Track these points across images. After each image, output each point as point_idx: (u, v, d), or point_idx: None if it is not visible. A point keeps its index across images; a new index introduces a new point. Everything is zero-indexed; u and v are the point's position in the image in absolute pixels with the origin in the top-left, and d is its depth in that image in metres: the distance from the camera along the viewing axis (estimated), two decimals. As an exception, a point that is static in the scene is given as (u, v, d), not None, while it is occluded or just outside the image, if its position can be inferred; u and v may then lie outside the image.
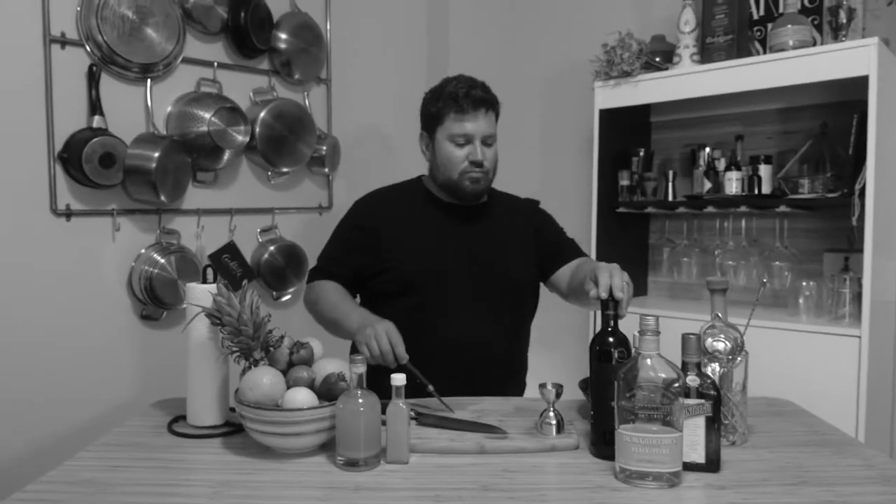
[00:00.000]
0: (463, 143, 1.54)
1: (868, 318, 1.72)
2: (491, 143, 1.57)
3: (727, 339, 1.21)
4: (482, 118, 1.53)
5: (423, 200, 1.65)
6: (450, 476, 1.06)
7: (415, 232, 1.60)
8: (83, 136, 1.80)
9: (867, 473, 1.07)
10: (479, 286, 1.56)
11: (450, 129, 1.54)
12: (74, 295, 1.84)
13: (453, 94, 1.53)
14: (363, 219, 1.64)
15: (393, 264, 1.57)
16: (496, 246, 1.61)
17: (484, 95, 1.54)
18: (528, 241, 1.64)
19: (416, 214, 1.62)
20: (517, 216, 1.67)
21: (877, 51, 1.70)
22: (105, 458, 1.13)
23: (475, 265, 1.57)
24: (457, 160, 1.55)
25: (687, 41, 2.07)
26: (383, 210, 1.64)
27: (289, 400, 1.11)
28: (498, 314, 1.57)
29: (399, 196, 1.68)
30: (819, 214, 2.09)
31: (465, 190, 1.56)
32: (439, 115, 1.56)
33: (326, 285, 1.59)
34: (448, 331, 1.52)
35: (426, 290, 1.55)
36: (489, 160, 1.56)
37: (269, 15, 2.20)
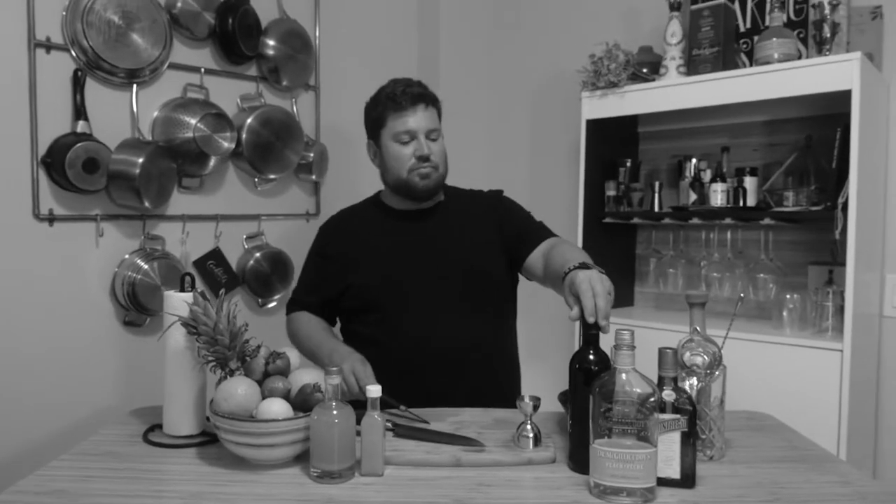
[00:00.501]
0: (407, 141, 1.56)
1: (850, 332, 1.73)
2: (435, 138, 1.58)
3: (705, 353, 1.21)
4: (422, 113, 1.56)
5: (378, 213, 1.67)
6: (424, 489, 1.05)
7: (370, 246, 1.62)
8: (67, 140, 1.79)
9: (842, 490, 1.07)
10: (441, 287, 1.55)
11: (392, 129, 1.57)
12: (57, 300, 1.83)
13: (391, 94, 1.57)
14: (324, 244, 1.70)
15: (353, 282, 1.59)
16: (455, 242, 1.59)
17: (421, 91, 1.58)
18: (491, 232, 1.61)
19: (372, 228, 1.65)
20: (477, 209, 1.65)
21: (859, 65, 1.71)
22: (77, 468, 1.12)
23: (434, 266, 1.56)
24: (403, 158, 1.56)
25: (673, 53, 2.08)
26: (342, 231, 1.69)
27: (263, 411, 1.10)
28: (467, 311, 1.55)
29: (356, 214, 1.72)
30: (804, 227, 2.10)
31: (417, 187, 1.57)
32: (380, 118, 1.59)
33: (300, 318, 1.66)
34: (417, 337, 1.51)
35: (387, 301, 1.56)
36: (436, 154, 1.57)
37: (257, 21, 2.20)
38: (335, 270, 1.63)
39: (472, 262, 1.58)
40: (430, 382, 1.49)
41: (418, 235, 1.61)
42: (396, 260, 1.58)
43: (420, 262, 1.57)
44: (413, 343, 1.51)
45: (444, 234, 1.61)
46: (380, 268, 1.58)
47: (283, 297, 2.35)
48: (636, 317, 2.25)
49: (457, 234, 1.61)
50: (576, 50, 2.35)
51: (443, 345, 1.51)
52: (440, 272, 1.55)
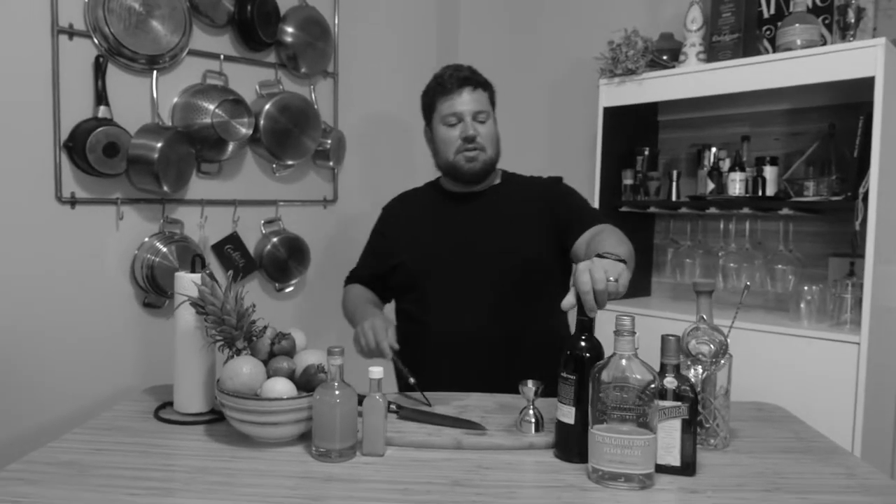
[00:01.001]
0: (455, 123, 1.59)
1: (868, 325, 1.69)
2: (483, 120, 1.60)
3: (711, 342, 1.20)
4: (468, 95, 1.59)
5: (434, 196, 1.72)
6: (423, 470, 1.07)
7: (420, 226, 1.66)
8: (88, 125, 1.83)
9: (847, 482, 1.06)
10: (481, 269, 1.56)
11: (441, 112, 1.61)
12: (78, 281, 1.88)
13: (439, 78, 1.63)
14: (382, 222, 1.79)
15: (400, 260, 1.64)
16: (500, 225, 1.60)
17: (469, 75, 1.61)
18: (540, 217, 1.59)
19: (426, 210, 1.70)
20: (530, 194, 1.65)
21: (884, 51, 1.66)
22: (89, 441, 1.15)
23: (475, 248, 1.57)
24: (451, 140, 1.59)
25: (693, 39, 2.05)
26: (398, 211, 1.77)
27: (267, 389, 1.12)
28: (505, 294, 1.54)
29: (416, 195, 1.78)
30: (824, 218, 2.05)
31: (463, 169, 1.60)
32: (432, 102, 1.64)
33: (351, 289, 1.76)
34: (451, 317, 1.54)
35: (427, 280, 1.60)
36: (483, 136, 1.59)
37: (276, 8, 2.22)
38: (386, 248, 1.70)
39: (514, 245, 1.57)
40: (464, 364, 1.51)
41: (464, 217, 1.64)
42: (440, 240, 1.62)
43: (462, 243, 1.59)
44: (447, 323, 1.54)
45: (490, 216, 1.62)
46: (424, 247, 1.63)
47: (299, 282, 2.38)
48: (653, 307, 2.23)
49: (504, 217, 1.61)
50: (596, 37, 2.32)
51: (475, 326, 1.52)
52: (481, 254, 1.57)
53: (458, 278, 1.57)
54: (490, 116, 1.62)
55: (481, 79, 1.63)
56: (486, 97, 1.62)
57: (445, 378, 1.44)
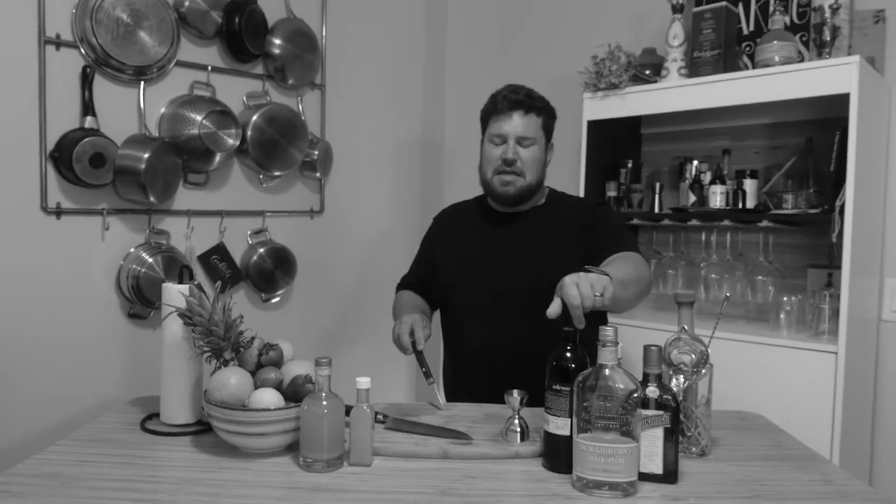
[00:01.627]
0: (499, 143, 1.61)
1: (845, 335, 1.73)
2: (528, 145, 1.60)
3: (692, 352, 1.22)
4: (517, 118, 1.58)
5: (478, 212, 1.74)
6: (410, 480, 1.08)
7: (460, 241, 1.70)
8: (75, 136, 1.83)
9: (824, 489, 1.08)
10: (510, 292, 1.57)
11: (490, 130, 1.63)
12: (63, 292, 1.87)
13: (494, 97, 1.63)
14: (430, 234, 1.82)
15: (440, 275, 1.70)
16: (534, 249, 1.60)
17: (522, 98, 1.60)
18: (574, 241, 1.59)
19: (469, 225, 1.72)
20: (569, 217, 1.64)
21: (858, 69, 1.71)
22: (74, 453, 1.15)
23: (507, 270, 1.59)
24: (492, 159, 1.61)
25: (675, 55, 2.09)
26: (446, 222, 1.80)
27: (255, 400, 1.13)
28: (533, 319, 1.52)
29: (464, 209, 1.80)
30: (803, 230, 2.10)
31: (496, 191, 1.61)
32: (485, 118, 1.67)
33: (401, 294, 1.79)
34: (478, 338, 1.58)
35: (457, 295, 1.65)
36: (524, 161, 1.59)
37: (263, 20, 2.23)
38: (431, 261, 1.75)
39: (545, 265, 1.54)
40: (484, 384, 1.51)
41: (503, 236, 1.65)
42: (475, 258, 1.64)
43: (494, 261, 1.61)
44: (473, 344, 1.59)
45: (526, 236, 1.63)
46: (460, 263, 1.66)
47: (285, 292, 2.38)
48: (636, 317, 2.25)
49: (540, 237, 1.61)
50: (580, 52, 2.37)
51: (500, 349, 1.55)
52: (512, 277, 1.58)
53: (484, 295, 1.60)
54: (536, 143, 1.60)
55: (537, 103, 1.61)
56: (537, 123, 1.60)
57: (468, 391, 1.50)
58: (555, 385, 1.11)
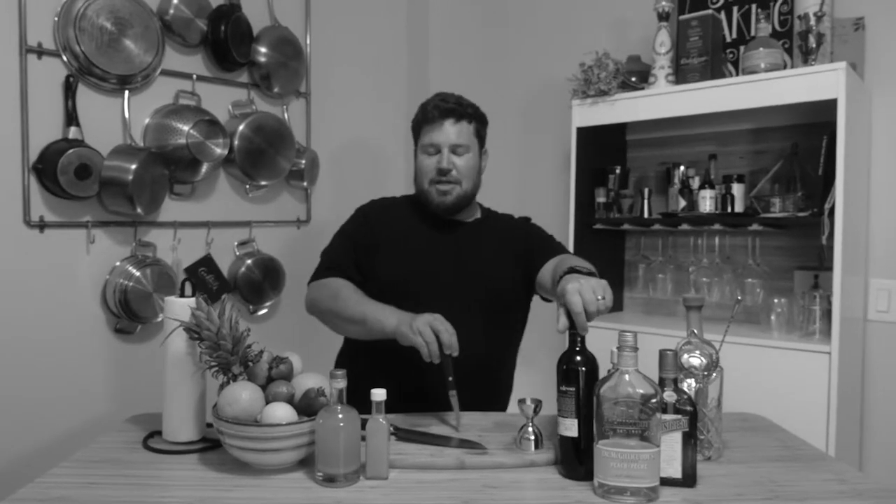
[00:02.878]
0: (432, 153, 1.58)
1: (838, 335, 1.76)
2: (461, 153, 1.57)
3: (703, 355, 1.23)
4: (450, 127, 1.56)
5: (415, 213, 1.67)
6: (430, 492, 1.06)
7: (404, 238, 1.63)
8: (59, 147, 1.78)
9: (840, 488, 1.10)
10: (458, 298, 1.55)
11: (422, 140, 1.61)
12: (47, 308, 1.81)
13: (424, 107, 1.61)
14: (364, 222, 1.66)
15: (376, 273, 1.59)
16: (479, 258, 1.61)
17: (453, 106, 1.57)
18: (515, 254, 1.62)
19: (406, 225, 1.65)
20: (507, 231, 1.67)
21: (844, 75, 1.76)
22: (79, 475, 1.10)
23: (455, 277, 1.57)
24: (426, 169, 1.58)
25: (662, 62, 2.12)
26: (382, 216, 1.68)
27: (267, 415, 1.10)
28: (478, 324, 1.55)
29: (398, 206, 1.72)
30: (790, 233, 2.14)
31: (433, 202, 1.58)
32: (416, 128, 1.64)
33: (341, 282, 1.55)
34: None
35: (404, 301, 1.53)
36: (459, 169, 1.57)
37: (249, 29, 2.20)
38: (362, 256, 1.60)
39: (491, 279, 1.58)
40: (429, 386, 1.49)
41: (451, 244, 1.62)
42: (421, 263, 1.59)
43: (443, 270, 1.58)
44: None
45: (471, 248, 1.62)
46: (402, 267, 1.58)
47: (274, 303, 2.34)
48: (626, 321, 2.27)
49: (483, 250, 1.62)
50: (566, 59, 2.39)
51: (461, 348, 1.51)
52: (460, 284, 1.56)
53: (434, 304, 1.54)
54: (470, 150, 1.59)
55: (468, 111, 1.59)
56: (469, 129, 1.59)
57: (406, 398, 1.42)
58: (561, 386, 1.11)
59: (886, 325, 2.01)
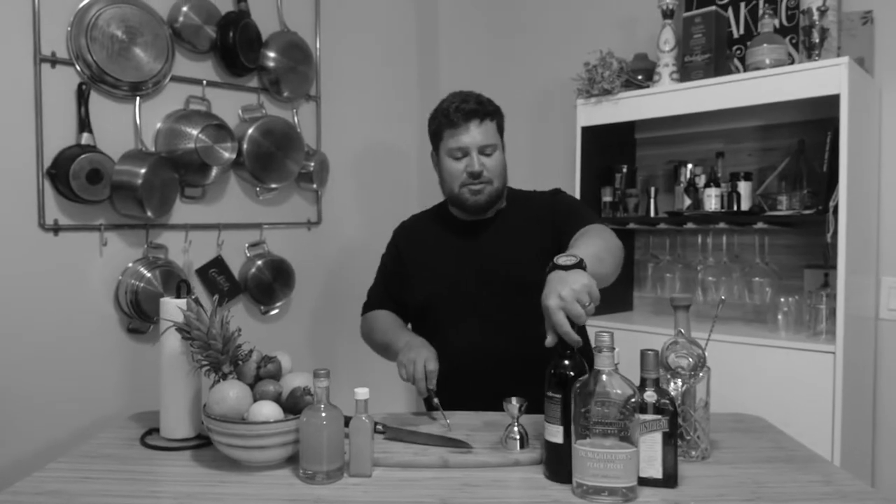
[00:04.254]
0: (460, 157, 1.58)
1: (842, 335, 1.73)
2: (490, 153, 1.58)
3: (689, 356, 1.23)
4: (475, 129, 1.56)
5: (442, 223, 1.71)
6: (411, 490, 1.08)
7: (430, 253, 1.67)
8: (72, 152, 1.84)
9: (825, 490, 1.08)
10: (493, 299, 1.57)
11: (447, 145, 1.59)
12: (61, 308, 1.87)
13: (445, 111, 1.59)
14: (394, 246, 1.77)
15: (413, 289, 1.66)
16: (509, 255, 1.60)
17: (475, 107, 1.57)
18: (546, 237, 1.58)
19: (435, 238, 1.69)
20: (535, 214, 1.64)
21: (847, 70, 1.72)
22: (75, 470, 1.15)
23: (485, 279, 1.58)
24: (456, 173, 1.58)
25: (666, 60, 2.10)
26: (410, 235, 1.75)
27: (254, 413, 1.13)
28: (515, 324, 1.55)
29: (426, 219, 1.77)
30: (798, 231, 2.11)
31: (467, 203, 1.59)
32: (438, 132, 1.62)
33: (378, 314, 1.72)
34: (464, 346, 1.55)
35: (438, 310, 1.61)
36: (490, 169, 1.57)
37: (258, 34, 2.24)
38: (396, 286, 1.71)
39: (523, 274, 1.54)
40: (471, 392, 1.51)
41: (473, 248, 1.63)
42: (443, 270, 1.62)
43: (472, 274, 1.59)
44: (463, 355, 1.54)
45: (498, 246, 1.62)
46: (435, 278, 1.63)
47: (284, 304, 2.39)
48: (635, 321, 2.26)
49: (512, 245, 1.61)
50: (572, 58, 2.38)
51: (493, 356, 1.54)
52: (491, 285, 1.57)
53: (470, 307, 1.58)
54: (497, 147, 1.60)
55: (489, 108, 1.59)
56: (493, 127, 1.60)
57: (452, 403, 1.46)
58: (548, 392, 1.11)
59: (898, 325, 1.97)
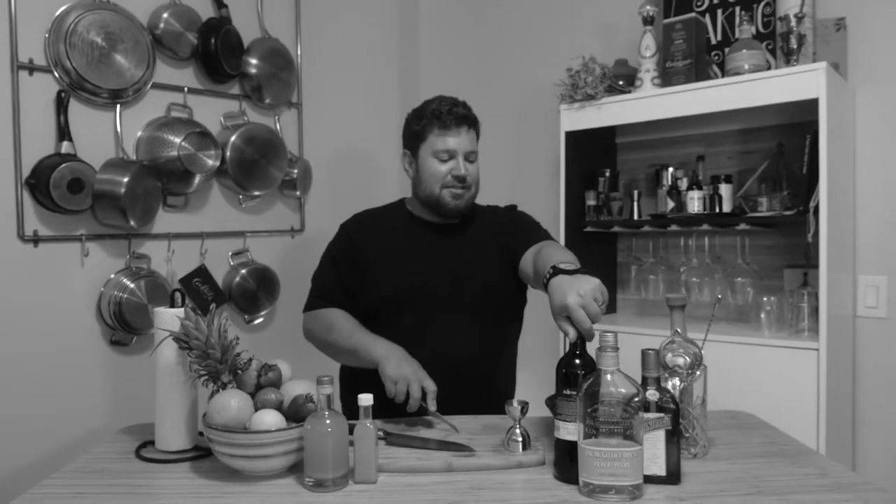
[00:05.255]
0: (446, 159, 1.59)
1: (825, 332, 1.78)
2: (473, 160, 1.62)
3: (686, 354, 1.25)
4: (464, 135, 1.59)
5: (405, 221, 1.69)
6: (417, 495, 1.07)
7: (395, 252, 1.64)
8: (51, 161, 1.80)
9: (822, 482, 1.11)
10: (455, 300, 1.58)
11: (433, 146, 1.59)
12: (43, 321, 1.82)
13: (436, 112, 1.59)
14: (349, 241, 1.69)
15: (371, 286, 1.61)
16: (473, 258, 1.62)
17: (466, 113, 1.61)
18: (504, 248, 1.63)
19: (398, 235, 1.67)
20: (496, 226, 1.69)
21: (825, 75, 1.78)
22: (69, 486, 1.12)
23: (457, 282, 1.59)
24: (440, 175, 1.59)
25: (648, 65, 2.14)
26: (367, 232, 1.69)
27: (256, 422, 1.12)
28: (477, 326, 1.58)
29: (382, 217, 1.73)
30: (778, 231, 2.16)
31: (448, 206, 1.60)
32: (422, 132, 1.61)
33: (335, 313, 1.61)
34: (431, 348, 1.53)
35: (406, 310, 1.59)
36: (472, 176, 1.61)
37: (239, 41, 2.23)
38: (350, 277, 1.64)
39: (486, 278, 1.61)
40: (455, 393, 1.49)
41: (441, 249, 1.64)
42: (416, 270, 1.61)
43: (439, 274, 1.60)
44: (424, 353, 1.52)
45: (464, 249, 1.64)
46: (398, 276, 1.60)
47: (269, 312, 2.36)
48: (620, 323, 2.29)
49: (476, 250, 1.63)
50: (554, 64, 2.41)
51: (451, 356, 1.54)
52: (456, 286, 1.59)
53: (433, 309, 1.58)
54: (477, 157, 1.64)
55: (474, 117, 1.64)
56: (475, 137, 1.64)
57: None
58: (565, 390, 1.12)
59: (875, 321, 2.03)
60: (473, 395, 1.56)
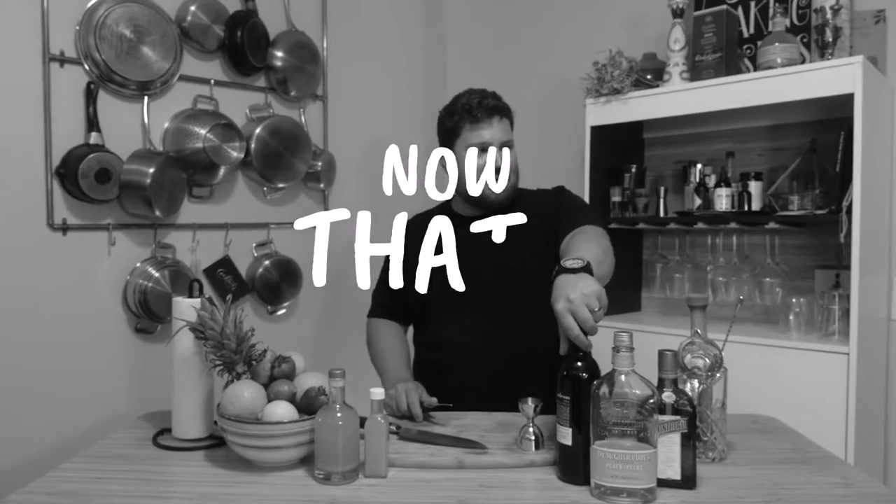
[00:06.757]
0: (482, 152, 1.57)
1: (856, 336, 1.72)
2: (510, 148, 1.60)
3: (706, 356, 1.22)
4: (497, 125, 1.57)
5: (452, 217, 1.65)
6: (427, 491, 1.07)
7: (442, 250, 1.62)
8: (80, 152, 1.83)
9: (844, 491, 1.07)
10: (501, 295, 1.57)
11: (467, 140, 1.58)
12: (70, 308, 1.87)
13: (466, 106, 1.58)
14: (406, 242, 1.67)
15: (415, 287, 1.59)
16: (518, 250, 1.58)
17: (496, 103, 1.59)
18: (545, 232, 1.58)
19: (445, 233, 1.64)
20: (541, 212, 1.63)
21: (861, 69, 1.71)
22: (88, 470, 1.14)
23: (496, 274, 1.57)
24: (477, 169, 1.57)
25: (677, 59, 2.09)
26: (410, 236, 1.66)
27: (268, 413, 1.12)
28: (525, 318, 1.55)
29: (426, 220, 1.69)
30: (809, 231, 2.10)
31: (489, 198, 1.59)
32: (456, 128, 1.60)
33: (378, 329, 1.72)
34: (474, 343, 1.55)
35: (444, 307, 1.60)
36: (509, 165, 1.58)
37: (265, 33, 2.24)
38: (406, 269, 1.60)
39: (531, 270, 1.56)
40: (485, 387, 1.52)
41: (483, 244, 1.59)
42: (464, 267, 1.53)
43: (483, 270, 1.57)
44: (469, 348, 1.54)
45: (507, 242, 1.57)
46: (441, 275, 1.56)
47: (291, 304, 2.38)
48: (643, 322, 2.25)
49: (520, 241, 1.58)
50: (581, 57, 2.37)
51: (498, 351, 1.54)
52: (502, 281, 1.57)
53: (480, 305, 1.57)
54: (513, 145, 1.62)
55: (506, 106, 1.62)
56: (509, 125, 1.62)
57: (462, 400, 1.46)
58: (559, 394, 1.10)
59: (911, 326, 1.96)
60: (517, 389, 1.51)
